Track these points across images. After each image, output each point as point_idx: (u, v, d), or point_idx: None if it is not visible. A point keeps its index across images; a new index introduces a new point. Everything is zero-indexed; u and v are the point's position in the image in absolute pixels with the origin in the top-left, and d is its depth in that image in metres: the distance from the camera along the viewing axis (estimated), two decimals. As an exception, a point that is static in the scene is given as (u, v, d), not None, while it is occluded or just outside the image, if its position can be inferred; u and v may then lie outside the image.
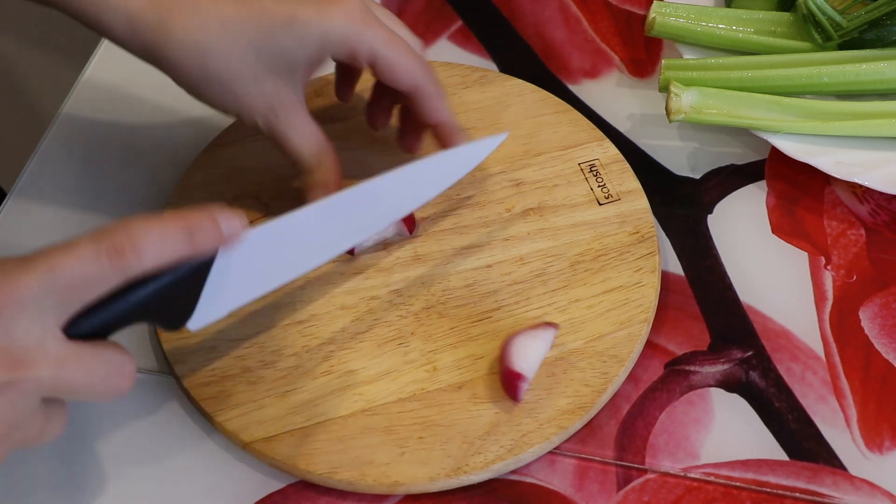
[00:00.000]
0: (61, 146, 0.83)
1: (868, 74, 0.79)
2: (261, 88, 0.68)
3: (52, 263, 0.53)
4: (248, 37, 0.66)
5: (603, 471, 0.67)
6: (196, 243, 0.58)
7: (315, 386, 0.69)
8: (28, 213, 0.79)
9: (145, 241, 0.55)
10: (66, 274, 0.54)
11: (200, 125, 0.83)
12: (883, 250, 0.77)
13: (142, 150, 0.82)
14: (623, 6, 0.92)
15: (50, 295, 0.54)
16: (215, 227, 0.58)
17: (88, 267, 0.54)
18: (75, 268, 0.54)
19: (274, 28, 0.66)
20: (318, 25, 0.67)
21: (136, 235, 0.55)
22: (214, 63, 0.66)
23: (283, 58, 0.67)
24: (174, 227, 0.57)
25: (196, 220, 0.58)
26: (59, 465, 0.68)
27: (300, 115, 0.69)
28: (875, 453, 0.68)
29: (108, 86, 0.86)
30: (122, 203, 0.80)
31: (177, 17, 0.66)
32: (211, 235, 0.58)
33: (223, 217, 0.59)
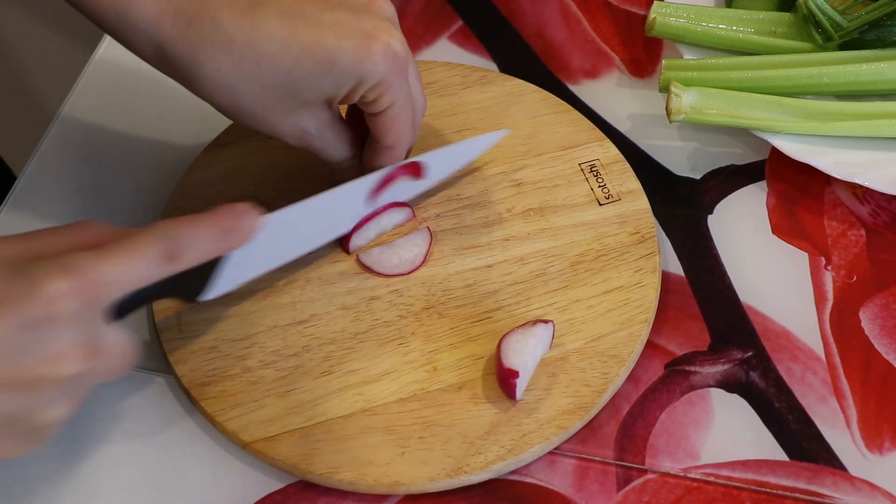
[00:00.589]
0: (62, 145, 0.83)
1: (868, 75, 0.79)
2: (294, 119, 0.67)
3: (123, 263, 0.56)
4: (285, 77, 0.65)
5: (603, 471, 0.67)
6: (228, 244, 0.62)
7: (315, 386, 0.69)
8: (29, 212, 0.79)
9: (189, 245, 0.59)
10: (133, 278, 0.57)
11: (200, 125, 0.83)
12: (883, 251, 0.77)
13: (142, 150, 0.82)
14: (623, 6, 0.92)
15: (118, 293, 0.56)
16: (243, 229, 0.62)
17: (150, 270, 0.57)
18: (141, 271, 0.57)
19: (312, 73, 0.65)
20: (358, 67, 0.65)
21: (182, 240, 0.59)
22: (246, 101, 0.66)
23: (320, 96, 0.66)
24: (212, 230, 0.60)
25: (229, 222, 0.61)
26: (59, 465, 0.68)
27: (334, 129, 0.70)
28: (875, 454, 0.68)
29: (108, 86, 0.86)
30: (122, 202, 0.80)
31: (209, 54, 0.64)
32: (241, 236, 0.62)
33: (249, 217, 0.62)
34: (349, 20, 0.65)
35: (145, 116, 0.85)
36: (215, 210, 0.61)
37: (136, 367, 0.71)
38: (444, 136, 0.80)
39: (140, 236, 0.57)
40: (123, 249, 0.56)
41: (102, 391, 0.70)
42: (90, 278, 0.54)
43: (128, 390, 0.71)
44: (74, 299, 0.54)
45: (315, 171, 0.78)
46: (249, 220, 0.62)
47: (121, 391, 0.71)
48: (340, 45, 0.64)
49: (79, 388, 0.56)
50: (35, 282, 0.53)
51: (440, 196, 0.77)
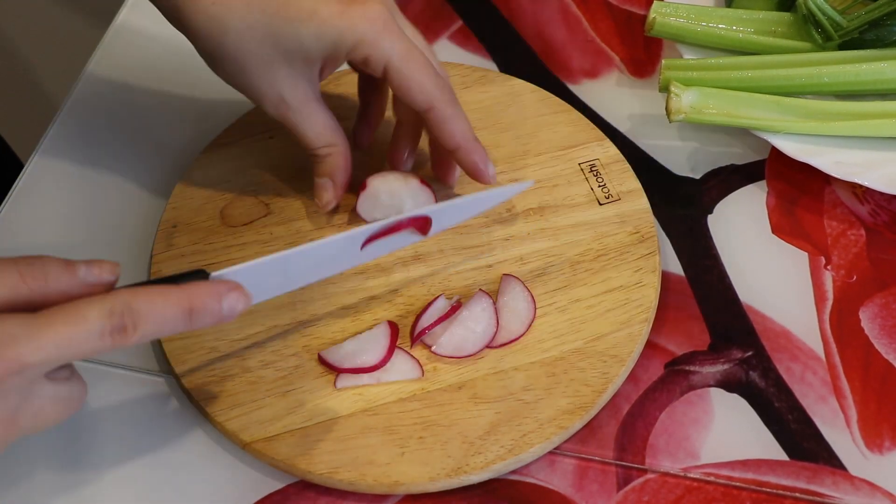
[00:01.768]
0: (62, 145, 0.83)
1: (868, 74, 0.79)
2: (273, 74, 0.68)
3: (62, 338, 0.53)
4: (267, 22, 0.67)
5: (603, 471, 0.67)
6: (194, 323, 0.57)
7: (315, 386, 0.69)
8: (29, 211, 0.79)
9: (147, 322, 0.55)
10: (73, 351, 0.54)
11: (201, 125, 0.83)
12: (883, 250, 0.77)
13: (142, 150, 0.82)
14: (623, 6, 0.92)
15: (54, 364, 0.54)
16: (217, 310, 0.58)
17: (94, 343, 0.54)
18: (83, 345, 0.54)
19: (293, 19, 0.67)
20: (336, 24, 0.67)
21: (139, 316, 0.55)
22: (231, 40, 0.68)
23: (299, 49, 0.68)
24: (176, 307, 0.56)
25: (200, 302, 0.57)
26: (60, 465, 0.68)
27: (312, 106, 0.70)
28: (875, 453, 0.68)
29: (108, 86, 0.86)
30: (122, 202, 0.80)
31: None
32: (212, 317, 0.58)
33: (230, 299, 0.58)
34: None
35: (146, 116, 0.85)
36: (191, 285, 0.57)
37: (137, 368, 0.71)
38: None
39: (88, 307, 0.54)
40: (67, 322, 0.53)
41: (102, 392, 0.70)
42: (21, 356, 0.52)
43: (128, 390, 0.71)
44: (11, 378, 0.52)
45: (315, 171, 0.78)
46: (229, 302, 0.58)
47: (121, 391, 0.71)
48: (325, 2, 0.67)
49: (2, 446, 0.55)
50: None
51: (440, 196, 0.77)
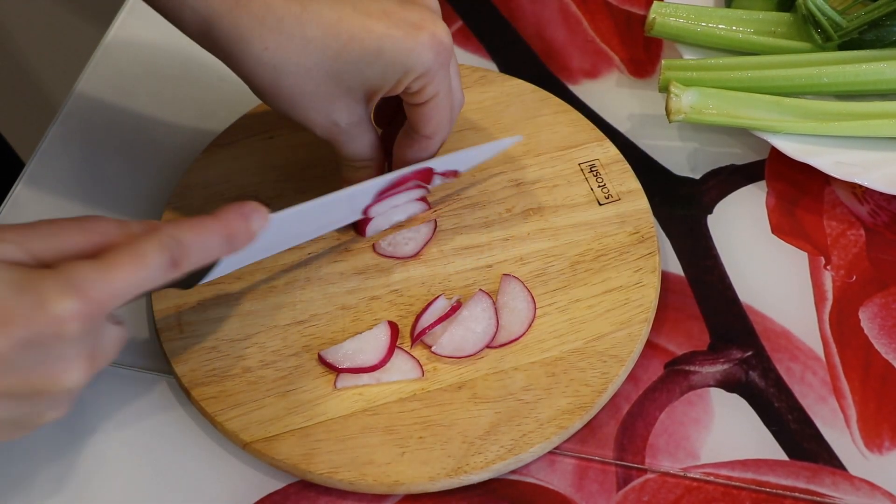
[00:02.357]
0: (63, 145, 0.83)
1: (868, 75, 0.79)
2: (330, 107, 0.67)
3: (130, 275, 0.55)
4: (329, 65, 0.65)
5: (603, 471, 0.67)
6: (234, 248, 0.60)
7: (315, 386, 0.69)
8: (29, 212, 0.80)
9: (194, 251, 0.58)
10: (139, 287, 0.56)
11: (201, 125, 0.83)
12: (883, 251, 0.77)
13: (142, 150, 0.82)
14: (623, 6, 0.92)
15: (124, 301, 0.56)
16: (250, 231, 0.60)
17: (155, 278, 0.56)
18: (147, 281, 0.56)
19: (358, 60, 0.65)
20: (404, 61, 0.65)
21: (187, 246, 0.57)
22: (289, 83, 0.65)
23: (362, 86, 0.67)
24: (217, 234, 0.59)
25: (235, 226, 0.60)
26: (60, 465, 0.68)
27: (362, 127, 0.70)
28: (875, 453, 0.68)
29: (109, 86, 0.86)
30: (122, 202, 0.80)
31: (256, 34, 0.64)
32: (245, 238, 0.60)
33: (255, 217, 0.61)
34: (397, 10, 0.66)
35: (146, 118, 0.85)
36: (221, 211, 0.60)
37: (137, 367, 0.71)
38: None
39: (146, 244, 0.56)
40: (130, 260, 0.55)
41: (102, 391, 0.70)
42: (98, 296, 0.54)
43: (128, 390, 0.71)
44: (82, 318, 0.53)
45: (315, 172, 0.78)
46: (256, 222, 0.61)
47: (121, 391, 0.71)
48: (388, 33, 0.65)
49: (76, 391, 0.56)
50: (43, 302, 0.52)
51: (440, 196, 0.77)
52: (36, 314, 0.52)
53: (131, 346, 0.72)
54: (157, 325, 0.71)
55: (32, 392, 0.54)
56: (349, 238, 0.75)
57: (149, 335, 0.73)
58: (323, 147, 0.73)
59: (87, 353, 0.55)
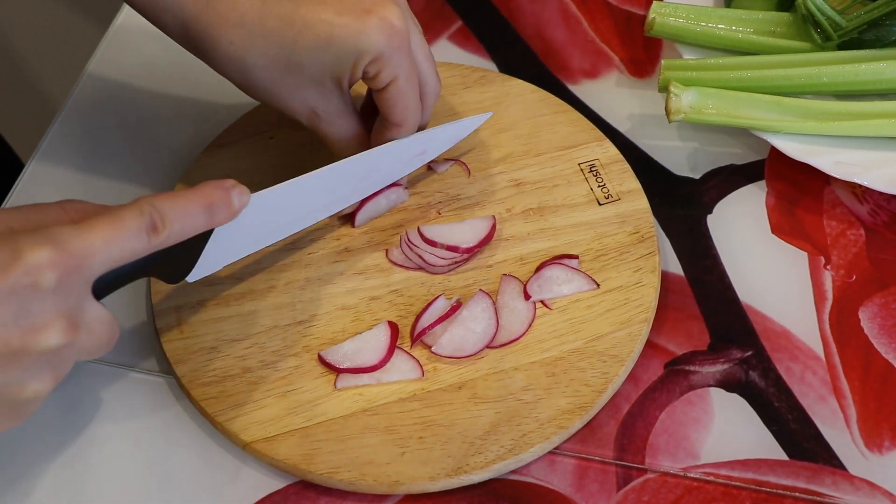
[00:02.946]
0: (63, 144, 0.83)
1: (867, 74, 0.79)
2: (304, 95, 0.69)
3: (107, 236, 0.56)
4: (288, 53, 0.67)
5: (603, 471, 0.67)
6: (214, 219, 0.61)
7: (315, 386, 0.69)
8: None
9: (174, 219, 0.59)
10: (117, 250, 0.56)
11: (201, 125, 0.83)
12: (882, 250, 0.77)
13: (142, 150, 0.83)
14: (623, 6, 0.92)
15: (104, 264, 0.56)
16: (230, 203, 0.62)
17: (134, 243, 0.57)
18: (125, 244, 0.57)
19: (310, 48, 0.67)
20: (354, 44, 0.67)
21: (167, 213, 0.58)
22: (256, 74, 0.68)
23: (323, 72, 0.68)
24: (197, 204, 0.60)
25: (215, 196, 0.61)
26: (60, 465, 0.68)
27: (342, 115, 0.71)
28: (875, 453, 0.68)
29: (108, 86, 0.87)
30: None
31: (223, 30, 0.67)
32: (227, 210, 0.62)
33: (236, 192, 0.62)
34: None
35: (145, 117, 0.85)
36: (200, 185, 0.61)
37: (137, 367, 0.71)
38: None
39: (124, 209, 0.57)
40: (107, 221, 0.56)
41: (102, 391, 0.70)
42: (73, 248, 0.54)
43: (128, 390, 0.71)
44: (57, 269, 0.54)
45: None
46: (237, 195, 0.62)
47: (121, 391, 0.71)
48: (338, 19, 0.67)
49: (61, 362, 0.56)
50: (17, 251, 0.53)
51: (440, 196, 0.77)
52: (9, 264, 0.53)
53: (131, 346, 0.72)
54: (157, 325, 0.71)
55: (10, 351, 0.54)
56: (349, 238, 0.75)
57: (149, 335, 0.73)
58: (323, 147, 0.73)
59: (66, 313, 0.55)
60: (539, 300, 0.71)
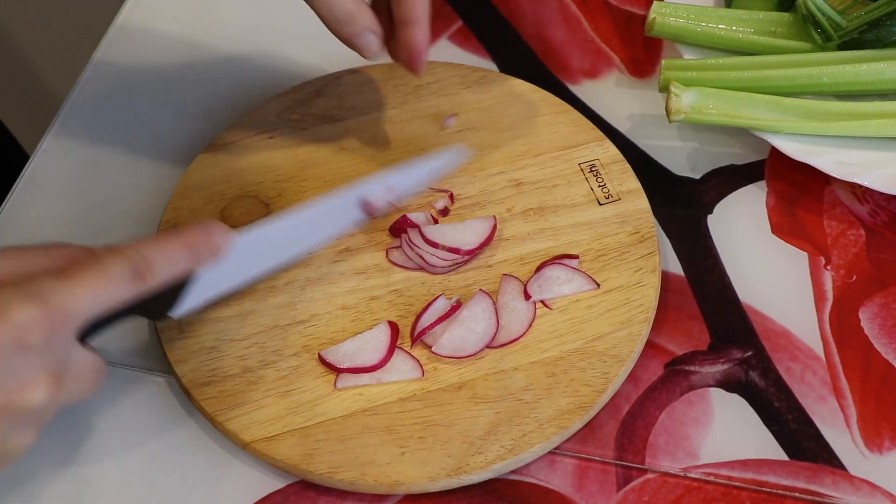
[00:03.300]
0: (63, 144, 0.83)
1: (868, 75, 0.79)
2: None
3: (93, 287, 0.55)
4: None
5: (603, 471, 0.67)
6: (198, 261, 0.62)
7: (315, 386, 0.69)
8: (30, 211, 0.80)
9: (159, 265, 0.59)
10: (102, 300, 0.56)
11: (201, 125, 0.83)
12: (883, 250, 0.77)
13: (142, 150, 0.82)
14: (623, 6, 0.92)
15: (89, 314, 0.56)
16: (213, 245, 0.62)
17: (119, 291, 0.57)
18: (110, 293, 0.56)
19: None
20: None
21: (152, 260, 0.58)
22: None
23: None
24: (181, 248, 0.60)
25: (197, 239, 0.61)
26: (59, 466, 0.68)
27: None
28: (875, 453, 0.68)
29: (110, 85, 0.87)
30: (122, 202, 0.80)
31: None
32: (210, 252, 0.62)
33: (218, 233, 0.62)
34: None
35: (146, 116, 0.85)
36: (184, 227, 0.62)
37: (137, 367, 0.71)
38: (446, 135, 0.80)
39: (108, 257, 0.57)
40: (92, 271, 0.56)
41: (102, 391, 0.70)
42: (59, 304, 0.54)
43: (128, 390, 0.71)
44: (43, 326, 0.53)
45: (315, 171, 0.78)
46: (220, 237, 0.62)
47: (121, 391, 0.71)
48: None
49: (44, 415, 0.56)
50: (3, 309, 0.52)
51: (441, 196, 0.77)
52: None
53: (131, 346, 0.72)
54: (157, 325, 0.71)
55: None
56: (350, 238, 0.75)
57: (149, 335, 0.73)
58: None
59: (51, 368, 0.54)
60: (539, 300, 0.71)
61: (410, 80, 0.83)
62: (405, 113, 0.81)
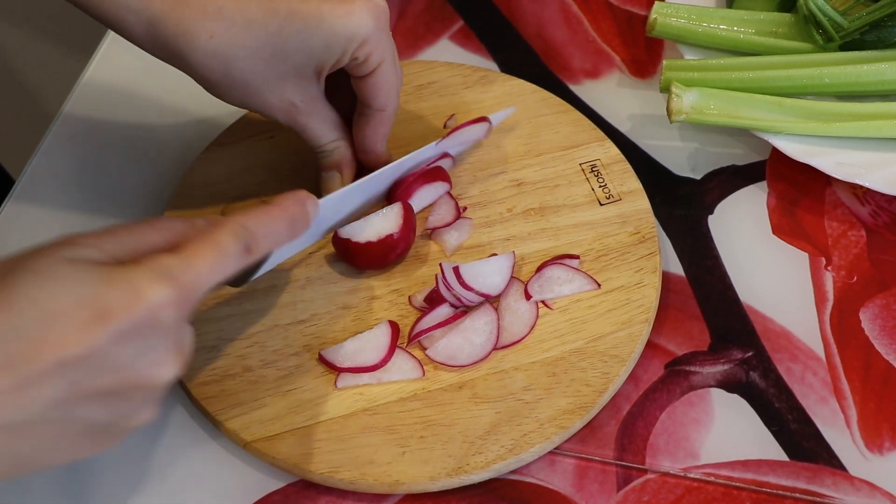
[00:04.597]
0: (63, 145, 0.83)
1: (869, 75, 0.79)
2: (283, 88, 0.68)
3: (212, 265, 0.55)
4: (274, 40, 0.66)
5: (603, 471, 0.67)
6: (296, 233, 0.61)
7: (316, 385, 0.69)
8: (30, 211, 0.80)
9: (263, 238, 0.59)
10: (219, 274, 0.56)
11: (201, 125, 0.83)
12: (883, 251, 0.77)
13: (142, 150, 0.83)
14: (624, 7, 0.92)
15: (207, 290, 0.56)
16: (307, 216, 0.62)
17: (231, 265, 0.57)
18: (224, 267, 0.56)
19: (300, 32, 0.66)
20: (345, 26, 0.66)
21: (257, 233, 0.58)
22: (238, 67, 0.67)
23: (309, 60, 0.67)
24: (282, 221, 0.60)
25: (297, 211, 0.61)
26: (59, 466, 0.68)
27: (319, 105, 0.70)
28: (875, 454, 0.68)
29: (109, 86, 0.86)
30: (122, 202, 0.80)
31: (200, 25, 0.65)
32: (305, 223, 0.62)
33: (311, 203, 0.62)
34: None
35: (145, 117, 0.85)
36: (279, 199, 0.61)
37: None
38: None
39: (220, 233, 0.56)
40: (210, 248, 0.55)
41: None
42: (187, 283, 0.54)
43: (128, 389, 0.71)
44: (175, 305, 0.53)
45: (315, 171, 0.78)
46: (311, 206, 0.62)
47: (121, 390, 0.71)
48: (324, 5, 0.66)
49: (167, 389, 0.56)
50: (137, 291, 0.52)
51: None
52: (132, 304, 0.52)
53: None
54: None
55: (129, 388, 0.53)
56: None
57: (149, 334, 0.73)
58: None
59: (178, 345, 0.55)
60: (540, 300, 0.71)
61: (411, 80, 0.83)
62: (406, 113, 0.81)
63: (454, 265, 0.70)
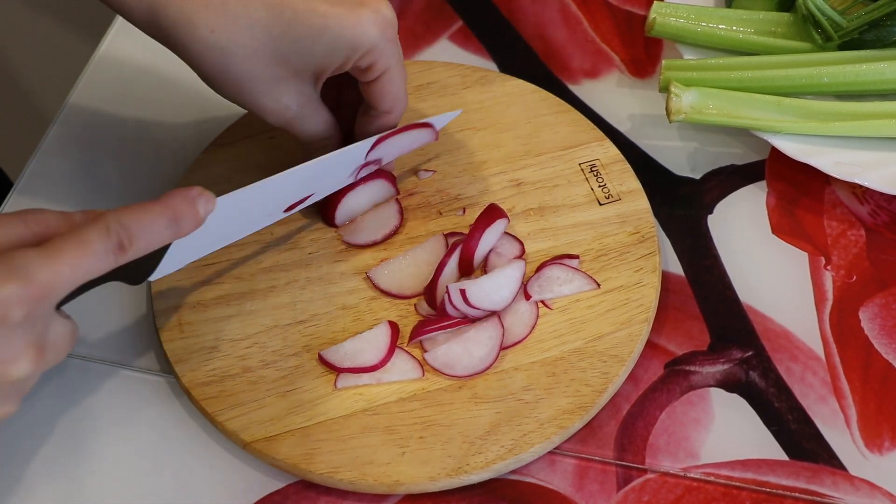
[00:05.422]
0: (62, 145, 0.83)
1: (868, 75, 0.79)
2: (280, 91, 0.68)
3: (74, 261, 0.54)
4: (276, 43, 0.65)
5: (603, 471, 0.67)
6: (181, 231, 0.60)
7: (315, 386, 0.69)
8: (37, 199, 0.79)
9: (140, 235, 0.57)
10: (84, 273, 0.55)
11: (201, 125, 0.83)
12: (883, 251, 0.77)
13: (142, 150, 0.83)
14: (623, 6, 0.92)
15: (70, 287, 0.55)
16: (196, 213, 0.60)
17: (100, 264, 0.56)
18: (92, 266, 0.55)
19: (303, 37, 0.65)
20: (349, 35, 0.66)
21: (132, 230, 0.57)
22: (236, 65, 0.66)
23: (310, 65, 0.67)
24: (163, 217, 0.58)
25: (179, 207, 0.59)
26: (60, 465, 0.68)
27: (313, 106, 0.70)
28: (875, 454, 0.68)
29: (109, 86, 0.86)
30: (121, 203, 0.79)
31: (202, 16, 0.64)
32: (193, 221, 0.60)
33: (202, 201, 0.60)
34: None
35: (145, 117, 0.85)
36: (166, 195, 0.59)
37: (137, 367, 0.71)
38: (445, 135, 0.80)
39: (89, 229, 0.55)
40: (73, 245, 0.55)
41: (102, 391, 0.70)
42: (41, 280, 0.53)
43: (128, 390, 0.71)
44: (25, 303, 0.53)
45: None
46: (202, 204, 0.60)
47: (121, 391, 0.71)
48: (331, 11, 0.65)
49: (26, 385, 0.56)
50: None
51: (441, 196, 0.77)
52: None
53: (131, 346, 0.72)
54: (158, 324, 0.71)
55: None
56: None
57: (149, 334, 0.73)
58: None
59: (33, 342, 0.54)
60: (540, 300, 0.71)
61: (410, 81, 0.83)
62: (405, 113, 0.81)
63: (461, 287, 0.70)
